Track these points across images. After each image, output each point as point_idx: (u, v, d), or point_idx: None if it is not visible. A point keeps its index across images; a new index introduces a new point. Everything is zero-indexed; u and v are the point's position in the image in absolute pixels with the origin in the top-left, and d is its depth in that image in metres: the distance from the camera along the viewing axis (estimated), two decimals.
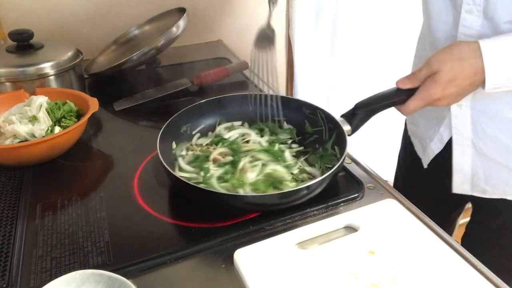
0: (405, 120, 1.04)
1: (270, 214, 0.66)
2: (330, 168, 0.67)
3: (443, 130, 0.84)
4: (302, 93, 1.71)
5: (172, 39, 1.09)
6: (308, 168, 0.75)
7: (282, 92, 1.19)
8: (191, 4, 1.38)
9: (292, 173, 0.72)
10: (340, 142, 0.73)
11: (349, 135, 0.74)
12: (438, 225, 0.65)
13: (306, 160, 0.77)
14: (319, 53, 1.71)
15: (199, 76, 1.10)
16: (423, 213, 0.67)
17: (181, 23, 1.10)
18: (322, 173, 0.71)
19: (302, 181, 0.72)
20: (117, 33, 1.26)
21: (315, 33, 1.65)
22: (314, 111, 0.82)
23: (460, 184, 0.85)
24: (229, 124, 0.86)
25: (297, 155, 0.79)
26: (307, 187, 0.62)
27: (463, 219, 1.86)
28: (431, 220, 0.65)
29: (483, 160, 0.79)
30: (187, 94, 1.08)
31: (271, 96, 0.82)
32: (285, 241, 0.59)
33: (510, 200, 0.81)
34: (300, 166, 0.75)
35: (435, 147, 0.87)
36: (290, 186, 0.68)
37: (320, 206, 0.67)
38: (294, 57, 1.64)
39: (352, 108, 0.75)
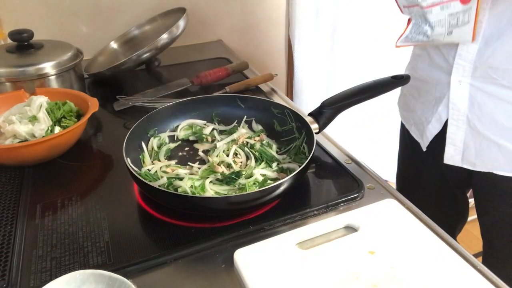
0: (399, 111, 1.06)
1: (270, 214, 0.66)
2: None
3: (442, 110, 0.86)
4: (302, 93, 1.71)
5: (172, 39, 1.10)
6: (286, 165, 0.74)
7: (282, 92, 1.19)
8: (191, 4, 1.38)
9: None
10: (309, 140, 0.74)
11: (316, 133, 0.75)
12: (443, 212, 0.66)
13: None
14: (319, 53, 1.71)
15: (199, 76, 1.10)
16: (423, 213, 0.67)
17: (181, 23, 1.10)
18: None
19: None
20: (117, 33, 1.26)
21: (315, 33, 1.65)
22: (282, 110, 0.83)
23: (452, 156, 0.88)
24: (184, 124, 0.85)
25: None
26: (263, 191, 0.61)
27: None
28: (431, 220, 0.65)
29: (475, 136, 0.83)
30: (187, 94, 1.08)
31: (237, 97, 0.82)
32: (285, 241, 0.59)
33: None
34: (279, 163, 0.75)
35: (433, 129, 0.90)
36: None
37: (320, 206, 0.67)
38: (294, 57, 1.64)
39: (319, 107, 0.77)
